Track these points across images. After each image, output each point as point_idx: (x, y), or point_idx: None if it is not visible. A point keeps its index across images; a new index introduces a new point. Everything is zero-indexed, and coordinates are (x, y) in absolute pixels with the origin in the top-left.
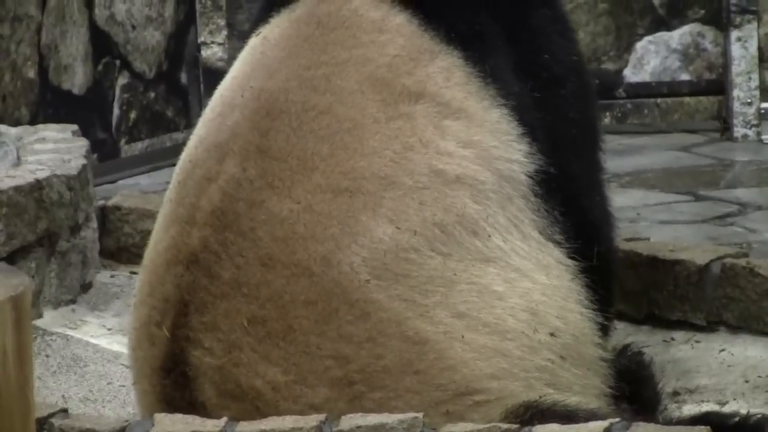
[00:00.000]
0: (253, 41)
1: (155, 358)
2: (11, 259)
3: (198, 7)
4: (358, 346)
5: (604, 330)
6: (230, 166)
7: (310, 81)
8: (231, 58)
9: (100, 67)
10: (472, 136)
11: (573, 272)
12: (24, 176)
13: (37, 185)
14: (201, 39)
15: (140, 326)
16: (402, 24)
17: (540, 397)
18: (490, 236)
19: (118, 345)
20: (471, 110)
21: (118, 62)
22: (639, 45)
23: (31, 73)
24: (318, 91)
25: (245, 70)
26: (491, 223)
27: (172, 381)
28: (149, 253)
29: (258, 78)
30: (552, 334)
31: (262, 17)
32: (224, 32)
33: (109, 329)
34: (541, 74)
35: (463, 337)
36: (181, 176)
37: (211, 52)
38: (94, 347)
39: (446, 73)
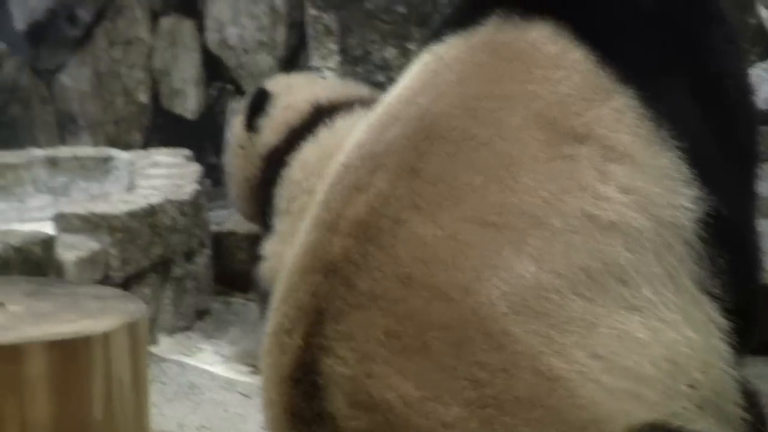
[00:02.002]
0: (426, 58)
1: (285, 367)
2: (126, 285)
3: (310, 31)
4: (491, 374)
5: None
6: (381, 180)
7: (476, 111)
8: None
9: (212, 92)
10: (634, 182)
11: (723, 330)
12: (137, 201)
13: (151, 210)
14: (312, 63)
15: (272, 333)
16: (579, 60)
17: None
18: (639, 286)
19: (234, 372)
20: (637, 155)
21: (230, 87)
22: (752, 73)
23: (144, 98)
24: (481, 122)
25: (414, 85)
26: (643, 272)
27: (301, 391)
28: (290, 258)
29: (426, 96)
30: (691, 386)
31: (436, 35)
32: (336, 57)
33: (224, 356)
34: (720, 100)
35: (598, 378)
36: (333, 179)
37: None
38: (210, 374)
39: (617, 114)
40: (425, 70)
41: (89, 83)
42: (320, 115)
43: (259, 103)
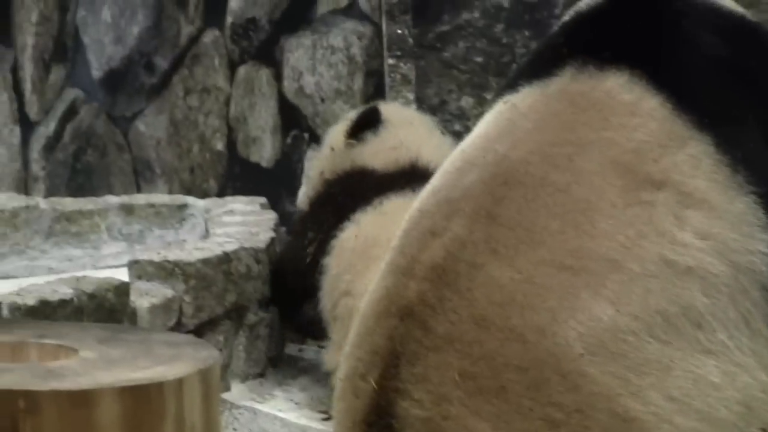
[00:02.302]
0: (501, 107)
1: (358, 411)
2: (199, 331)
3: (387, 80)
4: (567, 415)
5: None
6: (457, 225)
7: (553, 158)
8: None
9: (288, 140)
10: (711, 228)
11: None
12: (212, 249)
13: (226, 258)
14: None
15: (345, 378)
16: (654, 108)
17: None
18: (715, 330)
19: (306, 419)
20: (714, 201)
21: (306, 135)
22: None
23: (220, 145)
24: (558, 169)
25: (490, 132)
26: (718, 317)
27: None
28: (365, 303)
29: (502, 143)
30: (764, 429)
31: (510, 85)
32: (413, 106)
33: (296, 403)
34: None
35: (672, 420)
36: (408, 224)
37: None
38: (282, 421)
39: (694, 161)
40: (501, 118)
41: (165, 131)
42: (411, 176)
43: (370, 119)
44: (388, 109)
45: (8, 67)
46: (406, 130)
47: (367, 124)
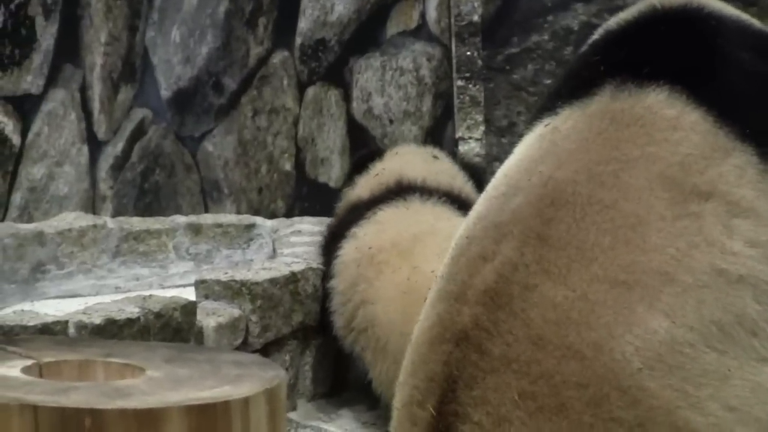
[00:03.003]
0: (541, 130)
1: None
2: (266, 351)
3: (456, 102)
4: (629, 430)
5: None
6: (507, 248)
7: (599, 176)
8: (488, 154)
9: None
10: (760, 236)
11: None
12: (279, 268)
13: (292, 278)
14: (459, 134)
15: (401, 407)
16: (696, 122)
17: None
18: None
19: None
20: (761, 209)
21: (372, 149)
22: None
23: (288, 166)
24: (605, 186)
25: (533, 155)
26: None
27: None
28: (417, 331)
29: (547, 165)
30: None
31: (548, 107)
32: (482, 128)
33: (363, 423)
34: None
35: (732, 430)
36: (456, 252)
37: (469, 148)
38: None
39: (739, 171)
40: (542, 140)
41: (233, 151)
42: (398, 191)
43: (364, 161)
44: (391, 151)
45: (77, 86)
46: (389, 160)
47: (361, 167)
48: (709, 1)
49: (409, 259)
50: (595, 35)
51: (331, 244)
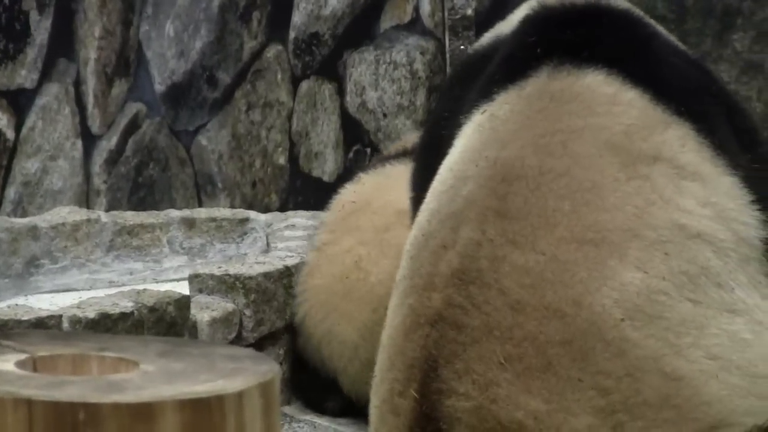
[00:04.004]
0: (479, 119)
1: (400, 428)
2: (259, 345)
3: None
4: (617, 381)
5: None
6: (467, 231)
7: (546, 147)
8: None
9: (350, 155)
10: (709, 197)
11: None
12: (273, 263)
13: (286, 272)
14: None
15: (381, 403)
16: (634, 98)
17: None
18: (733, 290)
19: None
20: (706, 174)
21: (368, 150)
22: None
23: (282, 160)
24: (554, 156)
25: (475, 145)
26: (733, 278)
27: None
28: (384, 333)
29: (491, 149)
30: None
31: (484, 95)
32: None
33: (355, 416)
34: (758, 149)
35: (717, 376)
36: (414, 251)
37: None
38: None
39: (681, 140)
40: (482, 129)
41: (227, 145)
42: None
43: None
44: None
45: (71, 81)
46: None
47: None
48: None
49: None
50: (527, 18)
51: None
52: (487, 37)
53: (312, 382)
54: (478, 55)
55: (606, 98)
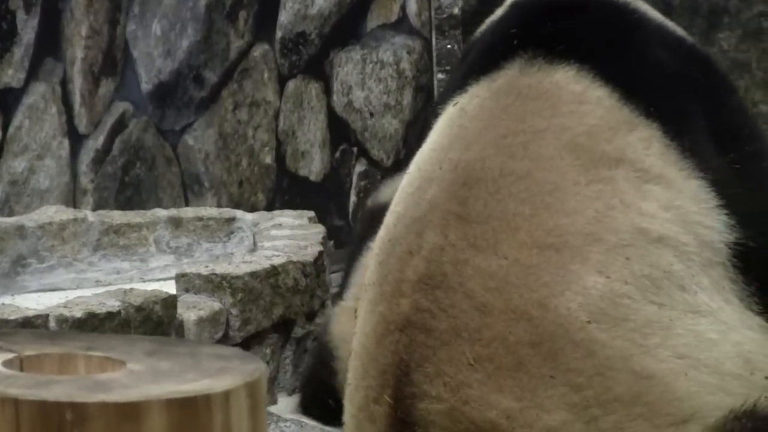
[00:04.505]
0: (451, 111)
1: None
2: (246, 344)
3: (436, 95)
4: (588, 379)
5: None
6: (431, 236)
7: (507, 148)
8: None
9: (337, 154)
10: (672, 201)
11: None
12: (260, 262)
13: (273, 271)
14: None
15: (357, 411)
16: (602, 97)
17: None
18: (696, 293)
19: None
20: (670, 177)
21: (355, 149)
22: None
23: (269, 159)
24: (515, 158)
25: (443, 142)
26: (696, 282)
27: None
28: (355, 340)
29: (456, 150)
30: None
31: (459, 85)
32: None
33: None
34: (743, 148)
35: (687, 373)
36: (381, 256)
37: None
38: None
39: (645, 142)
40: (452, 125)
41: (214, 144)
42: None
43: None
44: None
45: (57, 80)
46: None
47: None
48: (637, 1)
49: None
50: (513, 5)
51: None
52: (486, 22)
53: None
54: (472, 42)
55: (572, 97)
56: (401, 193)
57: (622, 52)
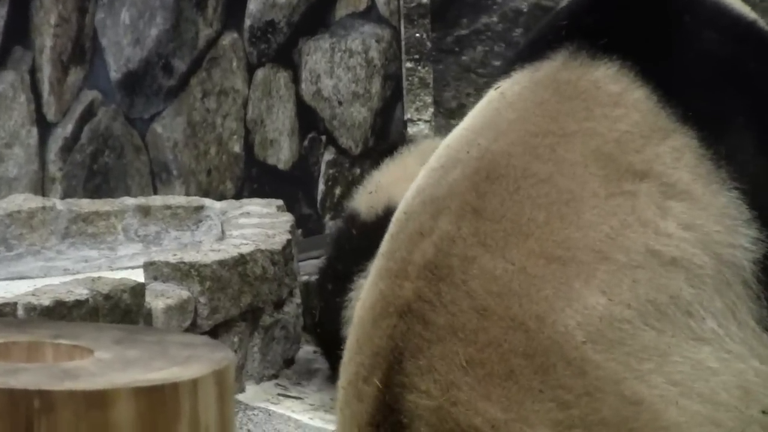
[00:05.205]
0: (491, 95)
1: (363, 414)
2: (214, 332)
3: (405, 83)
4: (577, 397)
5: None
6: (444, 222)
7: (535, 148)
8: (437, 136)
9: (305, 143)
10: (694, 220)
11: None
12: (228, 250)
13: (241, 260)
14: (407, 116)
15: (347, 384)
16: (640, 99)
17: None
18: (704, 319)
19: (320, 421)
20: (697, 193)
21: (323, 138)
22: None
23: (237, 148)
24: (541, 160)
25: (476, 125)
26: (706, 306)
27: None
28: (358, 310)
29: (486, 136)
30: (764, 412)
31: (505, 69)
32: (431, 109)
33: (311, 405)
34: None
35: (678, 402)
36: (395, 228)
37: (417, 129)
38: (296, 422)
39: (677, 153)
40: (488, 108)
41: (183, 132)
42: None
43: (387, 152)
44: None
45: (26, 68)
46: (387, 171)
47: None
48: None
49: None
50: None
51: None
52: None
53: None
54: (536, 27)
55: (608, 99)
56: (427, 166)
57: (667, 45)
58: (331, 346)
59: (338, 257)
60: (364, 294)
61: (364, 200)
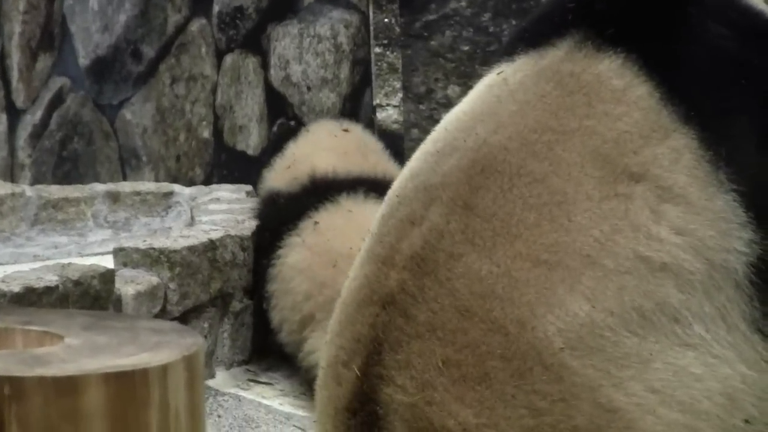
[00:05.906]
0: (494, 79)
1: (341, 398)
2: (184, 318)
3: (374, 69)
4: (551, 404)
5: None
6: (435, 214)
7: (533, 145)
8: (406, 121)
9: (274, 128)
10: (688, 224)
11: None
12: (197, 236)
13: (211, 245)
14: (376, 101)
15: (327, 366)
16: (642, 96)
17: None
18: (691, 324)
19: (290, 406)
20: (692, 197)
21: (293, 123)
22: None
23: (206, 134)
24: (537, 158)
25: (476, 110)
26: (694, 312)
27: (359, 421)
28: (345, 291)
29: (486, 125)
30: (747, 421)
31: (508, 51)
32: (399, 95)
33: (281, 390)
34: None
35: (655, 411)
36: (386, 210)
37: (386, 115)
38: (267, 408)
39: (675, 154)
40: (489, 94)
41: (152, 119)
42: (315, 191)
43: (285, 136)
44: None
45: None
46: (300, 145)
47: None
48: None
49: None
50: None
51: (267, 243)
52: None
53: None
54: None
55: (611, 95)
56: (423, 148)
57: (673, 37)
58: (261, 306)
59: (265, 224)
60: (352, 273)
61: (281, 177)
